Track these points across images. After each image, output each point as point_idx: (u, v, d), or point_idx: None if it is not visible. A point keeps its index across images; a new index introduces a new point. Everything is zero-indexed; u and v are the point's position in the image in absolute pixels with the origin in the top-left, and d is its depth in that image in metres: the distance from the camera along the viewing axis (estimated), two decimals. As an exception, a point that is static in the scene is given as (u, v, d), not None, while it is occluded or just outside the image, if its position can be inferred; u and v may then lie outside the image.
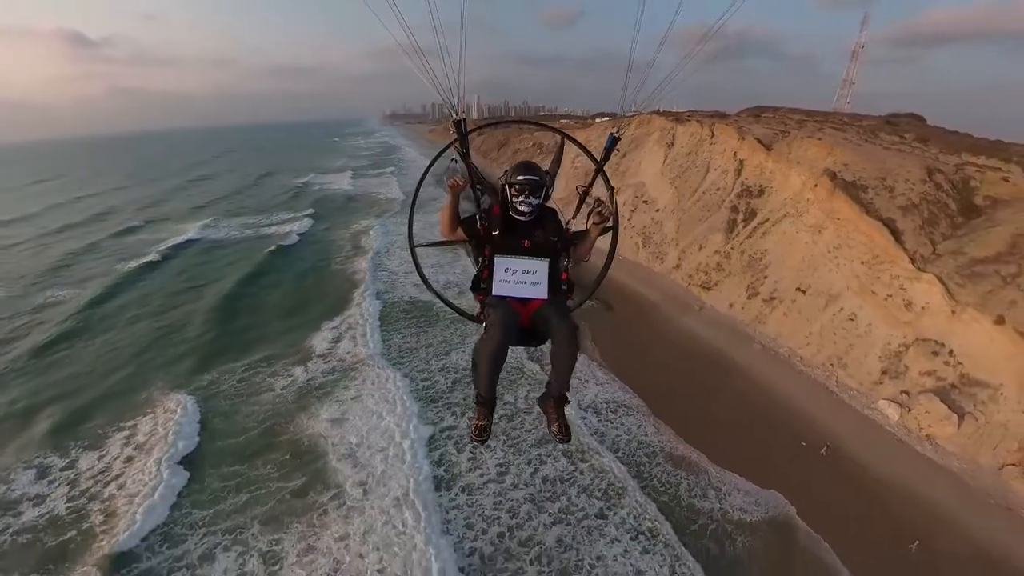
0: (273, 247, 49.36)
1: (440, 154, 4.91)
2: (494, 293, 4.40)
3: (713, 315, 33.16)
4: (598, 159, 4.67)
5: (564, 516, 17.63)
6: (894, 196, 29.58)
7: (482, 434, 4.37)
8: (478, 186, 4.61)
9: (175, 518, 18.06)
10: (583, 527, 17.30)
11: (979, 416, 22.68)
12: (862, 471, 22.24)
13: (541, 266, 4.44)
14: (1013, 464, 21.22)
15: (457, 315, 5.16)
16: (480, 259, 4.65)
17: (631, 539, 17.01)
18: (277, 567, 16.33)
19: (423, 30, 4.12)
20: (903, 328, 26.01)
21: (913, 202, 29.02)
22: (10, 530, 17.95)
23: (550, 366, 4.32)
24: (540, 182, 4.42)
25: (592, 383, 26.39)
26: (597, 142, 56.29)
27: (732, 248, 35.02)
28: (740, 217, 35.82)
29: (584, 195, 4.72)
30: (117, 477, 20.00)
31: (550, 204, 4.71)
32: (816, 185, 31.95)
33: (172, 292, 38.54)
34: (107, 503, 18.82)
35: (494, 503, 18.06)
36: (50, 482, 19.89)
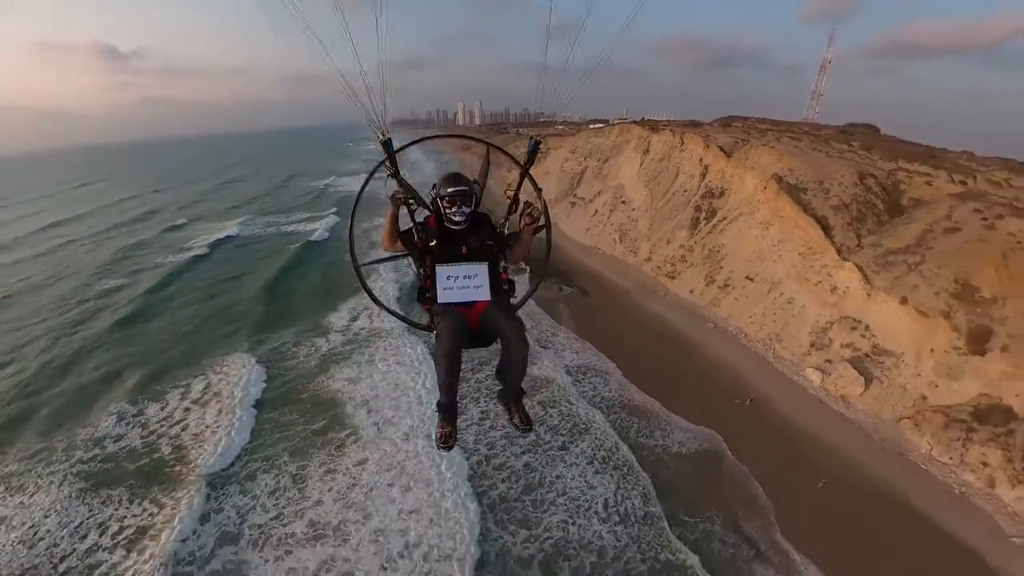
0: (303, 242, 53.14)
1: (372, 174, 5.01)
2: (440, 301, 4.39)
3: (675, 300, 36.49)
4: (523, 164, 4.79)
5: (532, 448, 21.19)
6: (829, 197, 32.69)
7: (447, 440, 4.21)
8: (410, 200, 4.65)
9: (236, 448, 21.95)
10: (548, 455, 20.87)
11: (884, 380, 25.88)
12: (786, 424, 25.46)
13: (481, 270, 4.46)
14: (908, 418, 24.41)
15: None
16: (421, 270, 4.65)
17: (587, 463, 20.57)
18: (304, 484, 20.03)
19: (347, 54, 3.99)
20: (829, 308, 29.19)
21: (844, 202, 32.12)
22: (97, 458, 21.76)
23: (501, 365, 4.32)
24: (469, 191, 4.49)
25: (568, 351, 30.00)
26: (584, 148, 59.05)
27: (695, 243, 38.26)
28: (703, 216, 39.02)
29: (513, 199, 4.77)
30: (180, 421, 23.87)
31: (482, 210, 4.77)
32: (765, 187, 35.10)
33: (220, 280, 42.33)
34: (174, 440, 22.65)
35: (475, 440, 21.64)
36: (127, 424, 23.82)
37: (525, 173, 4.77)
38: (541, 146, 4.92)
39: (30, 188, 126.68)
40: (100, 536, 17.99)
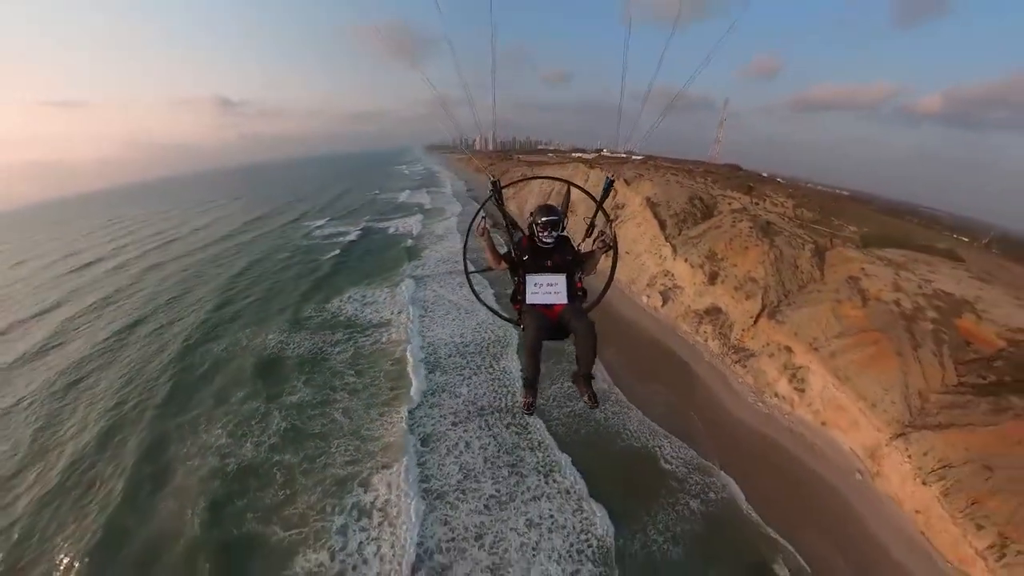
0: (412, 232, 69.44)
1: (484, 205, 5.19)
2: (528, 302, 4.58)
3: (591, 264, 53.24)
4: (598, 199, 5.06)
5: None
6: (670, 209, 48.08)
7: (530, 408, 4.54)
8: (510, 226, 4.89)
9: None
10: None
11: (673, 299, 42.07)
12: (622, 319, 41.12)
13: (561, 279, 4.68)
14: (680, 316, 40.58)
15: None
16: (515, 278, 4.89)
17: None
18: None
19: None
20: (658, 267, 45.02)
21: (677, 212, 47.54)
22: (332, 322, 41.49)
23: (576, 353, 4.48)
24: (558, 220, 4.74)
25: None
26: (562, 170, 74.52)
27: (606, 234, 54.47)
28: (610, 219, 54.97)
29: (590, 226, 5.15)
30: (376, 306, 43.47)
31: (564, 233, 5.05)
32: (641, 204, 50.95)
33: (371, 252, 60.29)
34: (380, 324, 42.12)
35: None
36: (345, 310, 43.43)
37: (600, 206, 5.15)
38: (615, 183, 4.87)
39: (206, 201, 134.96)
40: (338, 353, 37.24)
